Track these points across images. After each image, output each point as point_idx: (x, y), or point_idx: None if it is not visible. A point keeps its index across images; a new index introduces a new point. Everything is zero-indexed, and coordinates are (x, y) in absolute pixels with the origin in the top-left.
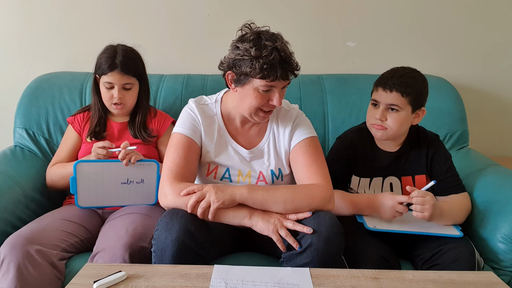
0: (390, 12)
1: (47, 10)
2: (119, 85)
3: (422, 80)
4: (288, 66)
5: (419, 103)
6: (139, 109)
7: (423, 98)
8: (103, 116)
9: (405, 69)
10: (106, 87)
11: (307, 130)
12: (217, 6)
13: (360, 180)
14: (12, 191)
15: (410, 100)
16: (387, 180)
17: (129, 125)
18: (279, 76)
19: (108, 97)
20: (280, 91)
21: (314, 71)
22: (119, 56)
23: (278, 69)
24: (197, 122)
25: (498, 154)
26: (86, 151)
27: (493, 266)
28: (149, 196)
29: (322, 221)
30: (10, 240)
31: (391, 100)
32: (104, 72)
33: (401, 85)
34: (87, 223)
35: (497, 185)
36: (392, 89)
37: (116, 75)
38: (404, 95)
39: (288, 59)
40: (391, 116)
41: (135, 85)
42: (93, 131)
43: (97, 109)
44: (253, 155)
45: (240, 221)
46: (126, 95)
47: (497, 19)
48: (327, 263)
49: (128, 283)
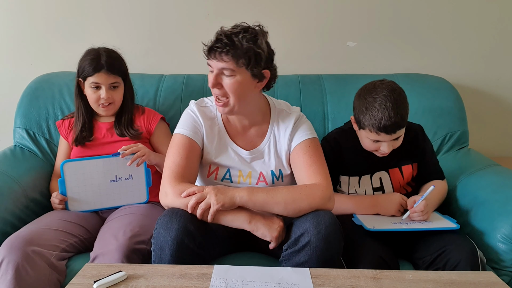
0: (390, 12)
1: (47, 10)
2: (106, 85)
3: (405, 100)
4: (216, 42)
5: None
6: (124, 108)
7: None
8: (87, 121)
9: (390, 102)
10: (92, 88)
11: (307, 131)
12: (217, 6)
13: (350, 179)
14: (12, 191)
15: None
16: (375, 176)
17: (115, 125)
18: (213, 53)
19: (95, 98)
20: (211, 74)
21: (314, 71)
22: (103, 57)
23: (208, 49)
24: (199, 124)
25: (498, 154)
26: (76, 153)
27: (493, 266)
28: (140, 193)
29: (322, 220)
30: (8, 241)
31: (393, 137)
32: (90, 74)
33: (398, 126)
34: (86, 223)
35: (497, 185)
36: (393, 133)
37: (103, 75)
38: (401, 128)
39: (222, 35)
40: (395, 145)
41: (121, 84)
42: (79, 136)
43: (81, 113)
44: (253, 156)
45: (240, 225)
46: (114, 94)
47: (497, 19)
48: (326, 262)
49: (128, 283)
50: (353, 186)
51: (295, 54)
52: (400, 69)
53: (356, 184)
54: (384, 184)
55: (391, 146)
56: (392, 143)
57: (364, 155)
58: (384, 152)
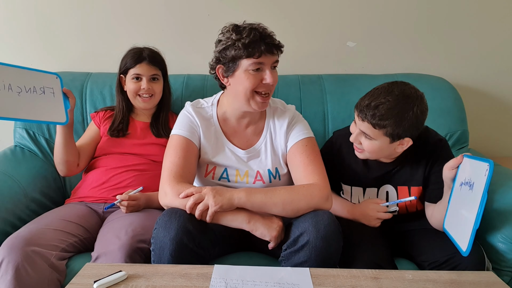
0: (390, 12)
1: (48, 11)
2: (147, 76)
3: (407, 109)
4: (270, 41)
5: (400, 133)
6: (163, 107)
7: (406, 129)
8: (126, 115)
9: (389, 95)
10: (133, 79)
11: (304, 130)
12: (217, 6)
13: (352, 189)
14: (12, 191)
15: (385, 132)
16: (382, 189)
17: (151, 125)
18: (264, 50)
19: (136, 89)
20: (270, 69)
21: (314, 71)
22: (145, 51)
23: (261, 44)
24: (196, 124)
25: (498, 154)
26: (105, 144)
27: (493, 266)
28: (59, 112)
29: (320, 220)
30: (8, 241)
31: (363, 128)
32: (131, 66)
33: (374, 117)
34: (86, 222)
35: (497, 185)
36: (364, 119)
37: (144, 66)
38: (375, 127)
39: (269, 35)
40: (365, 141)
41: (161, 78)
42: (115, 128)
43: (121, 108)
44: (249, 155)
45: (239, 225)
46: (154, 86)
47: (497, 19)
48: (325, 262)
49: (128, 283)
50: (356, 196)
51: (295, 54)
52: (400, 69)
53: (360, 195)
54: (390, 199)
55: None
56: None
57: (373, 167)
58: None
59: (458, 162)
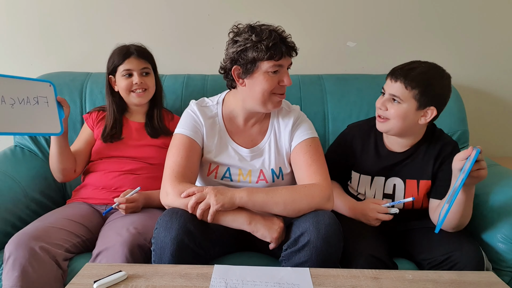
0: (390, 12)
1: (47, 11)
2: (138, 71)
3: (437, 78)
4: (289, 43)
5: (427, 100)
6: (155, 105)
7: (433, 96)
8: (118, 118)
9: (423, 63)
10: (124, 76)
11: (308, 130)
12: (217, 6)
13: (361, 178)
14: (12, 191)
15: (414, 94)
16: (390, 181)
17: (146, 125)
18: (285, 53)
19: (128, 85)
20: (287, 71)
21: (314, 71)
22: (132, 47)
23: (282, 46)
24: (199, 123)
25: (498, 154)
26: (100, 148)
27: (493, 266)
28: (53, 123)
29: (321, 220)
30: (15, 238)
31: (394, 90)
32: (120, 63)
33: (407, 76)
34: (88, 222)
35: (497, 185)
36: (397, 79)
37: (134, 61)
38: (407, 87)
39: (287, 38)
40: (392, 107)
41: (152, 72)
42: (108, 133)
43: (112, 110)
44: (253, 154)
45: (239, 226)
46: (146, 80)
47: (497, 19)
48: (325, 262)
49: (128, 283)
50: (363, 185)
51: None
52: None
53: (367, 184)
54: (397, 192)
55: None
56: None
57: (384, 155)
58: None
59: (468, 153)
